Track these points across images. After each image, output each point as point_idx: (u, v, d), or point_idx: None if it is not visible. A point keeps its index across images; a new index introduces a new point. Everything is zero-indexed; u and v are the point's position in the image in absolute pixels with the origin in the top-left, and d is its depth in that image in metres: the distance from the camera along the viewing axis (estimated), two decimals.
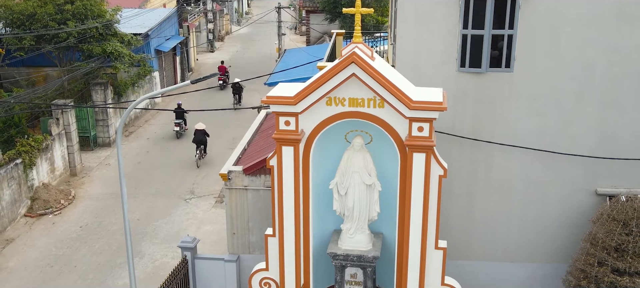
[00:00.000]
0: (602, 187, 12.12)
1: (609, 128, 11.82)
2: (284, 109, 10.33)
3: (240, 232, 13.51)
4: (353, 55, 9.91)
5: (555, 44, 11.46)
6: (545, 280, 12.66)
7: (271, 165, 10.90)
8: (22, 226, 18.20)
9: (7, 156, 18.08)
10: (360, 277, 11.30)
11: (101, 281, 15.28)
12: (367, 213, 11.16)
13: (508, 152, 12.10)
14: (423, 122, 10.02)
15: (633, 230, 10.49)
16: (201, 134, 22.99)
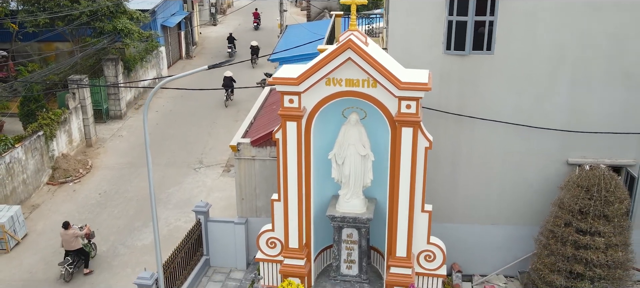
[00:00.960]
0: (572, 157, 13.48)
1: (579, 105, 13.12)
2: (288, 88, 11.71)
3: (248, 198, 14.97)
4: (349, 42, 11.25)
5: (531, 29, 12.70)
6: (520, 240, 14.10)
7: (277, 138, 12.32)
8: (45, 193, 19.69)
9: (30, 129, 19.51)
10: (356, 236, 12.80)
11: (122, 242, 16.81)
12: (361, 180, 12.61)
13: (488, 126, 13.43)
14: (411, 101, 11.40)
15: (594, 195, 11.91)
16: (229, 80, 27.81)
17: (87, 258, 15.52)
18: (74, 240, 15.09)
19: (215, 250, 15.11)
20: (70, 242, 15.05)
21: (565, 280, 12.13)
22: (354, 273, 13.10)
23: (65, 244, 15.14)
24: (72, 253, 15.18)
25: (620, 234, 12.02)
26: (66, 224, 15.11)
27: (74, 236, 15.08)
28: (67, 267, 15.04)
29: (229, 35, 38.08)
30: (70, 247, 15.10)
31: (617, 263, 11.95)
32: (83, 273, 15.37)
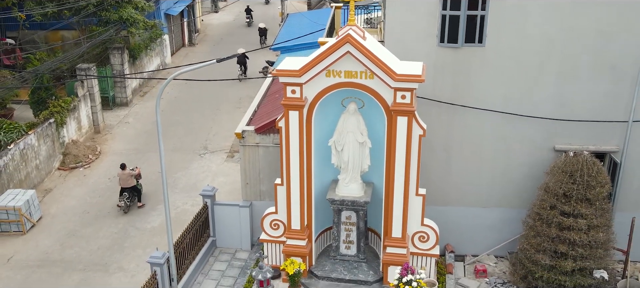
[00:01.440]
0: (559, 144, 14.25)
1: (566, 95, 13.86)
2: (290, 80, 12.48)
3: (253, 182, 15.78)
4: (348, 36, 12.01)
5: (520, 23, 13.40)
6: (510, 222, 14.89)
7: (280, 126, 13.11)
8: (57, 178, 20.52)
9: (42, 116, 20.30)
10: (354, 218, 13.63)
11: (132, 224, 17.64)
12: (359, 166, 13.41)
13: (480, 115, 14.18)
14: (405, 91, 12.18)
15: (577, 180, 12.70)
16: (242, 56, 29.72)
17: (139, 194, 18.48)
18: (129, 178, 18.07)
19: (221, 231, 15.94)
20: (126, 180, 18.01)
21: (550, 259, 12.97)
22: (352, 253, 13.95)
23: (122, 182, 18.07)
24: (128, 190, 18.16)
25: (602, 216, 12.83)
26: (123, 165, 18.19)
27: (130, 175, 18.03)
28: (126, 201, 18.02)
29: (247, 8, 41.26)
30: (126, 185, 18.08)
31: (598, 244, 12.78)
32: (137, 207, 18.15)
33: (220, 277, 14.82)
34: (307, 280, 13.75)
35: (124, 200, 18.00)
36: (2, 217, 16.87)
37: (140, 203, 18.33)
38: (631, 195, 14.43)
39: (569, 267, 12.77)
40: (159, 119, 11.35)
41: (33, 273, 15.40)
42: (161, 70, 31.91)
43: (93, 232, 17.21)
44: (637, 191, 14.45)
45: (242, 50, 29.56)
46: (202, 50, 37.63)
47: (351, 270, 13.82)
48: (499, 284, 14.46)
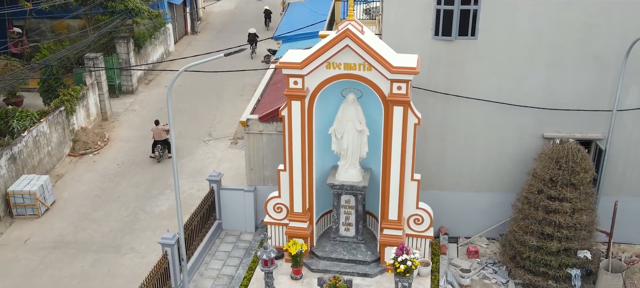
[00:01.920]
0: (547, 132, 15.02)
1: (554, 85, 14.60)
2: (293, 72, 13.24)
3: (257, 168, 16.58)
4: (347, 31, 12.75)
5: (511, 17, 14.12)
6: (500, 206, 15.69)
7: (283, 115, 13.88)
8: (68, 164, 21.33)
9: (53, 104, 21.06)
10: (353, 202, 14.45)
11: (141, 208, 18.48)
12: (358, 152, 14.21)
13: (473, 104, 14.93)
14: (401, 83, 12.94)
15: (563, 166, 13.48)
16: (253, 36, 33.39)
17: (169, 147, 21.10)
18: (162, 133, 21.27)
19: (226, 215, 16.75)
20: (159, 134, 21.34)
21: (537, 240, 13.78)
22: (351, 234, 14.78)
23: (156, 136, 21.34)
24: (160, 143, 21.31)
25: (585, 200, 13.62)
26: (157, 121, 21.65)
27: (163, 130, 21.27)
28: (159, 151, 21.24)
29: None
30: (159, 138, 21.34)
31: (582, 226, 13.58)
32: (168, 157, 21.33)
33: (226, 258, 15.65)
34: (308, 260, 14.60)
35: (157, 151, 21.30)
36: (18, 201, 17.70)
37: (170, 154, 20.86)
38: (615, 180, 15.24)
39: (555, 247, 13.58)
40: (170, 112, 12.05)
41: (49, 254, 16.26)
42: (167, 61, 32.59)
43: (104, 215, 18.05)
44: (621, 176, 15.26)
45: (252, 30, 33.70)
46: (204, 39, 38.29)
47: (350, 251, 14.67)
48: (490, 264, 15.30)
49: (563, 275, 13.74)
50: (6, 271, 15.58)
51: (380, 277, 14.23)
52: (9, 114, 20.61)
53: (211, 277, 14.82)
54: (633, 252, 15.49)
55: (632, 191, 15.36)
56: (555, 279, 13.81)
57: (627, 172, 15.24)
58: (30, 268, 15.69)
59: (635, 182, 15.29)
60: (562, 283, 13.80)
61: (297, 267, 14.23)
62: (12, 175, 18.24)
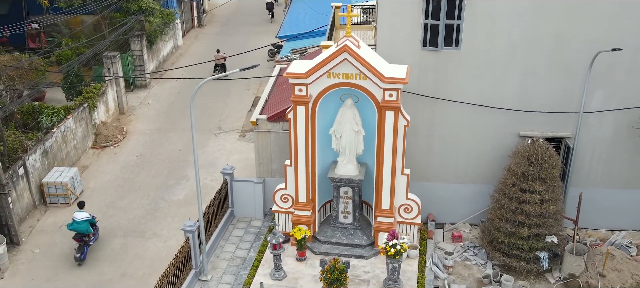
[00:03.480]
0: (523, 131, 16.92)
1: (528, 89, 16.48)
2: (298, 81, 15.17)
3: (265, 162, 18.56)
4: (345, 46, 14.68)
5: (490, 30, 15.97)
6: (481, 196, 17.63)
7: (289, 118, 15.85)
8: (91, 156, 23.34)
9: (77, 101, 23.03)
10: (350, 193, 16.46)
11: (161, 197, 20.52)
12: (355, 150, 16.17)
13: (457, 107, 16.83)
14: (392, 91, 14.88)
15: (533, 162, 15.47)
16: (270, 4, 41.87)
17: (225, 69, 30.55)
18: (221, 58, 30.47)
19: (238, 203, 18.75)
20: (219, 59, 30.56)
21: (511, 227, 15.81)
22: (349, 221, 16.83)
23: (217, 60, 30.53)
24: (219, 66, 30.63)
25: (552, 192, 15.62)
26: (218, 50, 31.00)
27: (222, 57, 30.48)
28: (219, 70, 30.32)
29: None
30: (219, 62, 30.56)
31: (549, 214, 15.59)
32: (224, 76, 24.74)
33: (238, 242, 17.69)
34: (311, 243, 16.66)
35: (217, 70, 30.37)
36: (51, 191, 19.75)
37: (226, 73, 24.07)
38: (582, 173, 17.22)
39: (526, 233, 15.62)
40: (192, 119, 13.97)
41: None
42: (174, 51, 34.45)
43: (128, 204, 20.10)
44: (587, 170, 17.24)
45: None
46: (211, 32, 40.12)
47: (348, 236, 16.72)
48: (471, 247, 17.35)
49: (533, 257, 15.79)
50: (46, 253, 17.66)
51: (374, 259, 16.30)
52: (36, 110, 22.59)
53: (226, 259, 16.86)
54: (597, 237, 17.52)
55: (597, 183, 17.34)
56: (526, 261, 15.86)
57: (593, 166, 17.21)
58: (66, 251, 17.75)
59: (599, 174, 17.26)
60: (532, 264, 15.85)
61: (302, 250, 16.27)
62: (45, 167, 20.26)
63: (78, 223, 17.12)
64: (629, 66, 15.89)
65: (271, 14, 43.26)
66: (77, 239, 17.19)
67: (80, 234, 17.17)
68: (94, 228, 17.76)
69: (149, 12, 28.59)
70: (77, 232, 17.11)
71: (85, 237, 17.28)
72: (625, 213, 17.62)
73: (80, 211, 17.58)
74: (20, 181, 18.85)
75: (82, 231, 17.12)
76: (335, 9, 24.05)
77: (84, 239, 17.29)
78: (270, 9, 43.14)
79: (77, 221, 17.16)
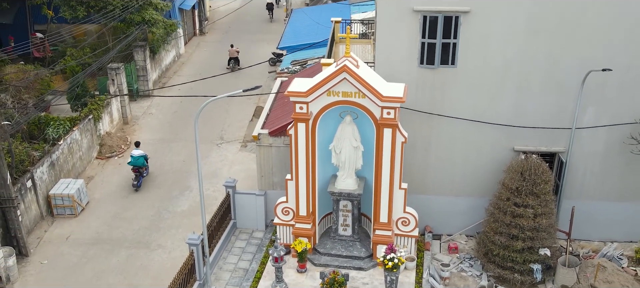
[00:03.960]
0: (517, 145, 17.44)
1: (522, 105, 16.95)
2: (299, 99, 15.68)
3: (267, 175, 19.06)
4: (344, 67, 15.19)
5: (484, 48, 16.46)
6: (477, 209, 18.12)
7: (290, 134, 16.35)
8: (96, 166, 23.84)
9: (83, 113, 23.52)
10: (350, 206, 16.96)
11: (165, 208, 21.01)
12: (354, 164, 16.67)
13: (453, 122, 17.33)
14: (390, 109, 15.38)
15: (526, 178, 15.95)
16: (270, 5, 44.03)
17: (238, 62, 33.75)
18: (234, 52, 33.55)
19: (240, 215, 19.25)
20: (233, 53, 33.79)
21: (505, 239, 16.30)
22: (348, 234, 17.32)
23: (231, 54, 33.93)
24: (233, 59, 33.71)
25: (545, 206, 16.11)
26: (232, 45, 34.57)
27: (235, 51, 33.73)
28: (233, 64, 33.59)
29: None
30: (232, 56, 33.81)
31: (542, 228, 16.09)
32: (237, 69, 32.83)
33: (241, 253, 18.19)
34: (312, 255, 17.16)
35: (232, 63, 33.63)
36: (58, 203, 20.25)
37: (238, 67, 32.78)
38: (575, 187, 17.72)
39: (519, 246, 16.11)
40: (196, 136, 14.47)
41: (88, 249, 18.82)
42: (177, 59, 34.96)
43: (133, 215, 20.60)
44: (580, 183, 17.74)
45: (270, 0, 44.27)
46: (212, 39, 40.60)
47: (347, 248, 17.22)
48: (467, 259, 17.85)
49: (527, 269, 16.28)
50: (54, 264, 18.16)
51: (373, 271, 16.80)
52: (42, 121, 23.08)
53: (229, 271, 17.37)
54: (590, 248, 18.03)
55: (589, 196, 17.84)
56: (520, 273, 16.36)
57: (586, 180, 17.71)
58: (73, 262, 18.27)
59: (592, 188, 17.77)
60: (526, 276, 16.35)
61: (302, 262, 16.77)
62: (52, 179, 20.76)
63: (135, 158, 21.85)
64: (620, 84, 16.39)
65: (271, 14, 44.98)
66: (135, 170, 21.97)
67: (137, 167, 21.90)
68: (147, 163, 22.37)
69: (152, 23, 29.06)
70: (135, 165, 21.84)
71: (141, 168, 22.04)
72: (617, 225, 18.12)
73: (137, 149, 22.36)
74: (28, 193, 19.36)
75: (138, 164, 21.91)
76: (335, 24, 24.57)
77: (139, 171, 22.04)
78: (270, 10, 44.91)
79: (134, 157, 21.88)
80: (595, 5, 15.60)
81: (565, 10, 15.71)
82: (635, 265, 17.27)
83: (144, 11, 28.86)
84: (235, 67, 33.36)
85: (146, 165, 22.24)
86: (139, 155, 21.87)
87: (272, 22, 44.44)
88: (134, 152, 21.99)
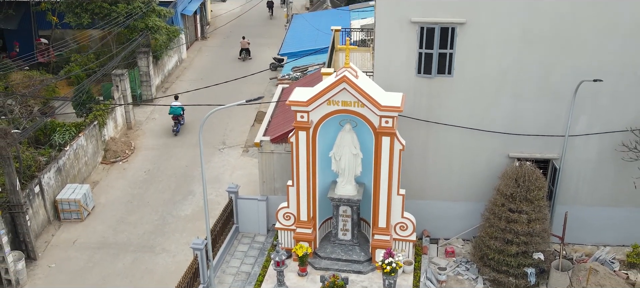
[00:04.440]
0: (512, 152, 17.93)
1: (516, 113, 17.43)
2: (300, 108, 16.17)
3: (268, 181, 19.55)
4: (344, 77, 15.67)
5: (480, 58, 16.94)
6: (473, 213, 18.58)
7: (291, 141, 16.83)
8: (101, 171, 24.34)
9: (88, 119, 24.02)
10: (349, 212, 17.44)
11: (169, 212, 21.50)
12: (353, 171, 17.15)
13: (450, 129, 17.80)
14: (388, 118, 15.87)
15: (520, 184, 16.43)
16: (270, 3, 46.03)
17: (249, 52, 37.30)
18: (246, 44, 37.07)
19: (242, 220, 19.72)
20: (245, 45, 37.23)
21: (500, 244, 16.77)
22: (347, 238, 17.81)
23: (242, 46, 37.36)
24: (244, 50, 37.00)
25: (539, 212, 16.58)
26: (243, 37, 37.82)
27: (246, 42, 37.17)
28: (245, 55, 36.91)
29: None
30: (244, 47, 37.14)
31: (536, 233, 16.56)
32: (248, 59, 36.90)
33: (243, 257, 18.67)
34: (312, 259, 17.64)
35: (243, 54, 37.12)
36: (65, 207, 20.75)
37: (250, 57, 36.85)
38: (568, 192, 18.20)
39: (514, 250, 16.59)
40: (201, 150, 14.93)
41: (95, 254, 19.31)
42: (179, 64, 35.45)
43: (138, 219, 21.09)
44: (574, 189, 18.22)
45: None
46: (214, 44, 41.09)
47: (347, 252, 17.70)
48: (464, 262, 18.33)
49: (521, 273, 16.76)
50: (61, 268, 18.66)
51: (372, 274, 17.29)
52: (48, 126, 23.56)
53: (232, 274, 17.85)
54: (583, 252, 18.52)
55: (583, 201, 18.32)
56: (515, 276, 16.84)
57: (579, 186, 18.19)
58: (80, 265, 18.75)
59: (585, 193, 18.25)
60: (520, 279, 16.83)
61: (303, 265, 17.25)
62: (58, 184, 21.26)
63: (174, 108, 27.22)
64: (611, 93, 16.87)
65: (271, 11, 47.35)
66: (174, 118, 27.33)
67: (176, 115, 27.30)
68: (183, 113, 27.58)
69: (155, 30, 29.56)
70: (174, 114, 27.21)
71: (178, 117, 27.37)
72: (609, 229, 18.60)
73: (175, 101, 27.65)
74: (36, 198, 19.85)
75: (177, 113, 27.28)
76: (335, 33, 25.05)
77: (177, 119, 27.37)
78: (270, 8, 47.28)
79: (173, 107, 27.28)
80: (587, 17, 16.09)
81: (559, 22, 16.20)
82: (626, 269, 17.75)
83: (147, 18, 29.33)
84: (246, 57, 36.98)
85: (182, 114, 27.45)
86: (177, 106, 27.14)
87: (272, 19, 46.42)
88: (173, 104, 27.39)
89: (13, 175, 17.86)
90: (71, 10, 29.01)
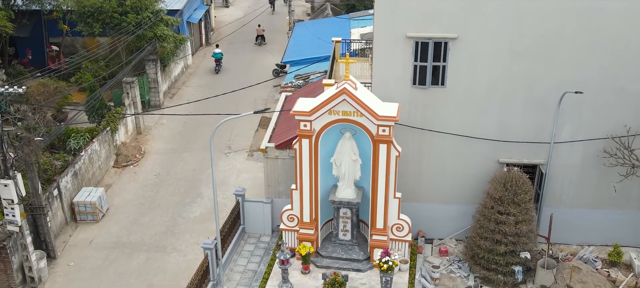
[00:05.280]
0: (502, 158, 19.13)
1: (506, 121, 18.60)
2: (303, 118, 17.41)
3: (273, 185, 20.78)
4: (344, 89, 16.91)
5: (471, 70, 18.13)
6: (466, 215, 19.75)
7: (295, 148, 18.07)
8: (113, 175, 25.58)
9: (102, 125, 25.28)
10: (349, 214, 18.67)
11: (179, 214, 22.74)
12: (353, 176, 18.36)
13: (443, 137, 18.99)
14: (385, 127, 17.09)
15: (508, 188, 17.66)
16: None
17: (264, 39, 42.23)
18: (261, 31, 41.84)
19: (249, 221, 20.94)
20: (260, 32, 42.14)
21: (490, 244, 17.99)
22: (347, 238, 19.05)
23: (258, 32, 42.32)
24: (260, 36, 42.07)
25: (526, 214, 17.79)
26: (259, 24, 42.56)
27: (262, 30, 42.06)
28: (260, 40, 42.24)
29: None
30: (260, 33, 42.14)
31: (523, 233, 17.77)
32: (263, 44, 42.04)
33: (250, 256, 19.89)
34: (315, 258, 18.88)
35: (258, 40, 42.04)
36: (81, 209, 22.01)
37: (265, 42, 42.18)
38: (554, 196, 19.41)
39: (502, 250, 17.82)
40: (212, 156, 16.17)
41: (110, 253, 20.57)
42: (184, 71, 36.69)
43: (150, 220, 22.34)
44: (559, 192, 19.42)
45: None
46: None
47: (347, 251, 18.94)
48: (456, 261, 19.56)
49: (509, 270, 17.98)
50: (80, 266, 19.91)
51: (370, 272, 18.53)
52: (63, 132, 24.80)
53: (239, 272, 19.08)
54: (568, 251, 19.74)
55: (568, 203, 19.52)
56: (503, 274, 18.07)
57: (564, 189, 19.41)
58: (97, 264, 20.01)
59: (570, 196, 19.45)
60: (508, 277, 18.06)
61: (306, 264, 18.49)
62: (75, 187, 22.52)
63: (216, 54, 37.37)
64: (593, 103, 18.07)
65: (273, 6, 51.25)
66: (216, 61, 37.32)
67: (218, 59, 37.25)
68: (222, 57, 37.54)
69: (163, 38, 30.82)
70: (216, 57, 37.21)
71: (219, 60, 37.32)
72: (593, 230, 19.80)
73: (217, 48, 37.91)
74: (55, 201, 21.11)
75: (218, 57, 37.31)
76: (336, 44, 26.26)
77: (218, 61, 37.28)
78: (272, 3, 51.15)
79: (215, 53, 37.52)
80: (570, 34, 17.29)
81: (544, 38, 17.41)
82: (608, 267, 18.98)
83: (155, 27, 30.59)
84: (262, 43, 42.06)
85: (222, 58, 37.36)
86: (218, 52, 37.52)
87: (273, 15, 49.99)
88: (215, 50, 37.81)
89: (36, 179, 19.13)
90: (83, 19, 30.26)
